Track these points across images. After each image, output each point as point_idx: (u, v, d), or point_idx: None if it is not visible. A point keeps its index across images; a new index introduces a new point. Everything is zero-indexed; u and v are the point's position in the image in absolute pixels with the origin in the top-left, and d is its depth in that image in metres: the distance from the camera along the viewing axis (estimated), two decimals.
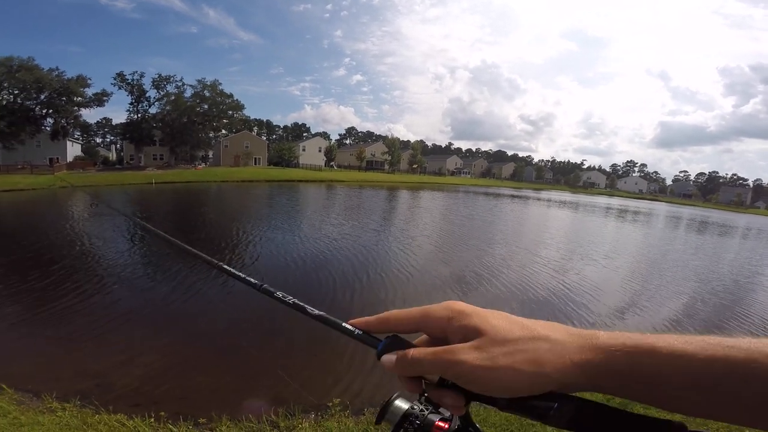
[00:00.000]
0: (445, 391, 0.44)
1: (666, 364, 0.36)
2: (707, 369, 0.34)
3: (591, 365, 0.39)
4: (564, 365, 0.40)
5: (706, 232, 28.10)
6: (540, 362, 0.41)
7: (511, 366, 0.41)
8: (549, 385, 0.40)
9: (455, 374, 0.42)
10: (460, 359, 0.42)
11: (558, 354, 0.41)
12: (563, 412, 0.40)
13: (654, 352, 0.37)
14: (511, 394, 0.41)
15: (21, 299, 6.99)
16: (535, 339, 0.42)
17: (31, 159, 45.30)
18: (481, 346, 0.42)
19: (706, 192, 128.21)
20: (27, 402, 3.93)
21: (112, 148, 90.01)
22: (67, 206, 21.87)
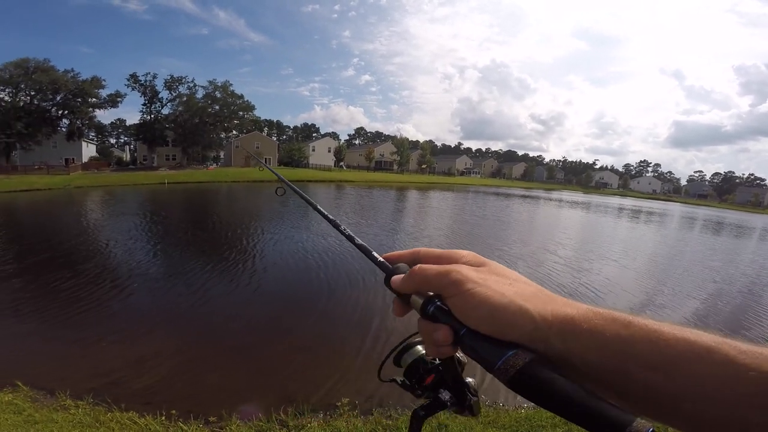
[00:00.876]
0: (435, 324, 0.45)
1: (639, 336, 0.36)
2: (675, 348, 0.34)
3: (568, 320, 0.39)
4: (545, 310, 0.41)
5: (721, 233, 27.54)
6: (525, 297, 0.42)
7: (500, 290, 0.42)
8: (524, 326, 0.40)
9: (450, 282, 0.44)
10: (459, 269, 0.45)
11: (543, 299, 0.43)
12: (510, 364, 0.38)
13: (629, 324, 0.37)
14: (489, 322, 0.41)
15: (36, 299, 7.12)
16: (527, 283, 0.46)
17: (48, 159, 46.21)
18: (481, 270, 0.46)
19: (721, 192, 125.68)
20: (41, 399, 4.00)
21: (126, 149, 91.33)
22: (83, 206, 22.24)
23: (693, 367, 0.33)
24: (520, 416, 3.85)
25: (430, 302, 0.46)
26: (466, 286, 0.43)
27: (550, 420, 3.72)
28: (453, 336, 0.43)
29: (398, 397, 4.33)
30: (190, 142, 57.43)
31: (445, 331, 0.44)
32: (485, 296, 0.42)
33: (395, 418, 3.88)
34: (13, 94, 44.10)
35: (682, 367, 0.33)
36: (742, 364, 0.32)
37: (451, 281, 0.45)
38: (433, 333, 0.45)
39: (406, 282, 0.49)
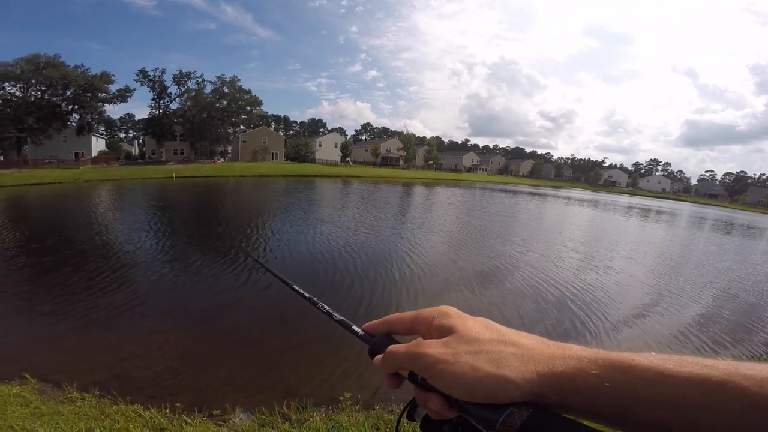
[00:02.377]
0: (427, 393, 0.45)
1: (641, 380, 0.34)
2: (683, 388, 0.33)
3: (559, 375, 0.38)
4: (528, 371, 0.39)
5: (732, 233, 27.18)
6: (502, 364, 0.40)
7: (472, 364, 0.40)
8: (511, 392, 0.39)
9: (421, 367, 0.44)
10: (426, 351, 0.44)
11: (524, 359, 0.40)
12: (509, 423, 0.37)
13: (630, 368, 0.36)
14: (470, 396, 0.40)
15: (47, 292, 7.22)
16: (503, 342, 0.43)
17: (58, 154, 46.72)
18: (449, 342, 0.44)
19: (733, 192, 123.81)
20: (48, 392, 4.06)
21: (135, 143, 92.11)
22: (93, 200, 22.49)
23: (705, 403, 0.32)
24: None
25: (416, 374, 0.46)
26: (436, 368, 0.42)
27: None
28: (446, 402, 0.43)
29: (400, 392, 4.32)
30: (198, 137, 57.77)
31: (437, 400, 0.43)
32: (456, 375, 0.41)
33: (397, 413, 3.88)
34: (24, 90, 44.62)
35: (693, 404, 0.32)
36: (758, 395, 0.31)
37: (421, 367, 0.44)
38: (427, 402, 0.45)
39: (384, 366, 0.50)
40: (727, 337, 6.97)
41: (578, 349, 0.40)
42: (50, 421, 3.35)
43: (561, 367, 0.38)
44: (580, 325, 6.87)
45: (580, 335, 6.47)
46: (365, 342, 0.55)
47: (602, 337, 6.56)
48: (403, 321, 0.52)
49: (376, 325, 0.55)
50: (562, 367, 0.38)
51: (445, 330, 0.46)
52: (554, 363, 0.39)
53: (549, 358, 0.39)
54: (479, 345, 0.42)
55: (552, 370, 0.38)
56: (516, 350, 0.41)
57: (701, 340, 6.81)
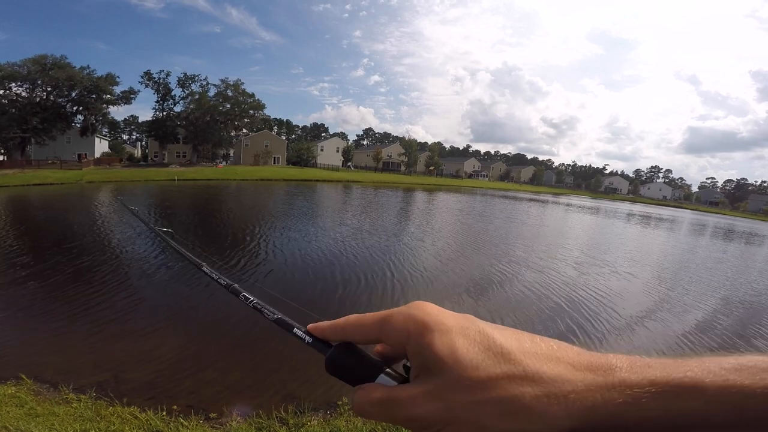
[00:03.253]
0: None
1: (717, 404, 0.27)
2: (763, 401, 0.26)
3: (604, 411, 0.28)
4: (558, 416, 0.29)
5: (733, 240, 27.09)
6: (521, 415, 0.29)
7: (479, 422, 0.30)
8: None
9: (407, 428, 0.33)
10: (409, 415, 0.33)
11: (550, 400, 0.29)
12: None
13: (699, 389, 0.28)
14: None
15: (44, 293, 7.21)
16: (518, 379, 0.30)
17: (61, 154, 46.99)
18: (439, 392, 0.32)
19: (733, 200, 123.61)
20: (44, 393, 4.04)
21: (138, 145, 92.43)
22: (94, 200, 22.54)
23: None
24: None
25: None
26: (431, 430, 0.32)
27: None
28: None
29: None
30: (200, 140, 57.92)
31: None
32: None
33: None
34: (30, 90, 44.85)
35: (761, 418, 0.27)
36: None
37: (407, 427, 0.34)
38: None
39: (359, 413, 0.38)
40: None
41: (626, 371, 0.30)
42: (45, 422, 3.33)
43: (602, 403, 0.29)
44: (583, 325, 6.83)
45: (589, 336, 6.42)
46: (318, 350, 0.43)
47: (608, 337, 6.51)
48: (365, 328, 0.39)
49: (325, 329, 0.43)
50: (603, 402, 0.29)
51: (429, 361, 0.33)
52: (592, 397, 0.29)
53: (584, 392, 0.29)
54: (483, 391, 0.30)
55: (590, 410, 0.29)
56: (537, 390, 0.30)
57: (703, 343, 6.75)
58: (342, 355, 0.40)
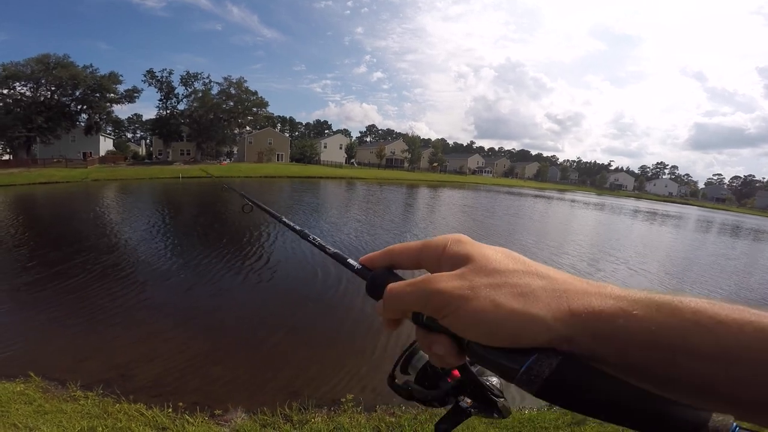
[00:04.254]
0: (433, 335, 0.38)
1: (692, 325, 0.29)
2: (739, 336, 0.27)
3: (596, 314, 0.31)
4: (560, 308, 0.32)
5: (745, 237, 26.89)
6: (530, 298, 0.33)
7: (494, 299, 0.34)
8: (538, 333, 0.32)
9: (432, 307, 0.37)
10: (437, 287, 0.36)
11: (555, 294, 0.34)
12: (535, 372, 0.31)
13: (678, 311, 0.29)
14: (490, 338, 0.34)
15: (52, 291, 7.29)
16: (530, 274, 0.36)
17: (66, 153, 47.30)
18: (465, 275, 0.36)
19: (740, 196, 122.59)
20: (52, 390, 4.09)
21: (142, 143, 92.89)
22: (101, 199, 22.68)
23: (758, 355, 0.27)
24: (524, 417, 3.82)
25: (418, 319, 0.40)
26: (450, 308, 0.35)
27: (554, 422, 3.69)
28: (455, 346, 0.37)
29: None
30: (204, 138, 58.08)
31: (444, 342, 0.38)
32: (475, 314, 0.34)
33: (398, 416, 3.89)
34: (34, 90, 45.13)
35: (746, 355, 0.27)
36: None
37: (432, 306, 0.37)
38: (432, 345, 0.39)
39: (386, 310, 0.41)
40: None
41: (615, 288, 0.33)
42: (53, 419, 3.38)
43: (598, 305, 0.32)
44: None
45: None
46: (361, 277, 0.47)
47: None
48: (408, 252, 0.44)
49: (375, 257, 0.47)
50: (599, 305, 0.32)
51: (460, 259, 0.39)
52: (590, 300, 0.32)
53: (584, 294, 0.33)
54: (501, 276, 0.36)
55: (588, 308, 0.32)
56: (545, 283, 0.35)
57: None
58: (382, 276, 0.44)
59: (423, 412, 3.91)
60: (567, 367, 0.31)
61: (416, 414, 3.87)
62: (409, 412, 3.96)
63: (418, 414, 3.86)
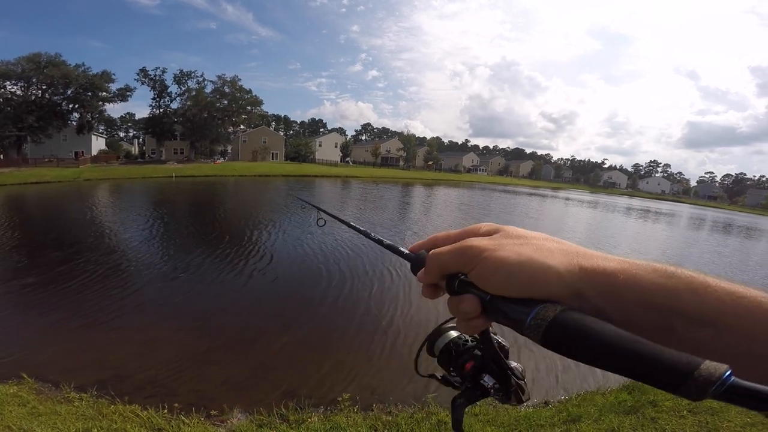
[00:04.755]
0: (462, 296, 0.44)
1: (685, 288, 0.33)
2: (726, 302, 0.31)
3: (601, 272, 0.37)
4: (572, 264, 0.38)
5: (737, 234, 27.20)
6: (546, 254, 0.40)
7: (517, 251, 0.40)
8: (552, 282, 0.38)
9: (466, 258, 0.43)
10: (471, 243, 0.43)
11: (568, 253, 0.40)
12: (541, 317, 0.35)
13: (672, 275, 0.34)
14: (508, 285, 0.39)
15: (44, 291, 7.21)
16: (548, 239, 0.43)
17: (58, 152, 46.74)
18: (494, 237, 0.45)
19: (732, 194, 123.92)
20: (46, 391, 4.06)
21: (135, 142, 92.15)
22: (92, 199, 22.47)
23: (744, 324, 0.30)
24: (519, 415, 3.84)
25: (454, 278, 0.45)
26: (481, 256, 0.42)
27: (549, 419, 3.71)
28: (480, 305, 0.42)
29: (398, 393, 4.35)
30: (198, 136, 57.67)
31: (470, 300, 0.42)
32: (500, 260, 0.40)
33: (395, 414, 3.90)
34: (25, 88, 44.55)
35: (733, 323, 0.30)
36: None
37: (466, 258, 0.43)
38: (459, 305, 0.44)
39: (428, 271, 0.48)
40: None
41: (620, 257, 0.39)
42: (47, 421, 3.35)
43: (603, 264, 0.37)
44: None
45: None
46: (408, 260, 0.54)
47: None
48: (449, 237, 0.51)
49: (422, 244, 0.55)
50: (604, 264, 0.37)
51: (491, 231, 0.47)
52: (597, 261, 0.38)
53: (592, 256, 0.39)
54: (524, 239, 0.43)
55: (595, 265, 0.37)
56: (560, 246, 0.42)
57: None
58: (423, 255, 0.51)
59: (419, 411, 3.92)
60: (568, 313, 0.34)
61: (413, 413, 3.89)
62: (405, 410, 3.97)
63: (415, 413, 3.88)
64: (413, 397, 4.25)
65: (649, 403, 3.86)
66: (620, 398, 4.12)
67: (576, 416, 3.70)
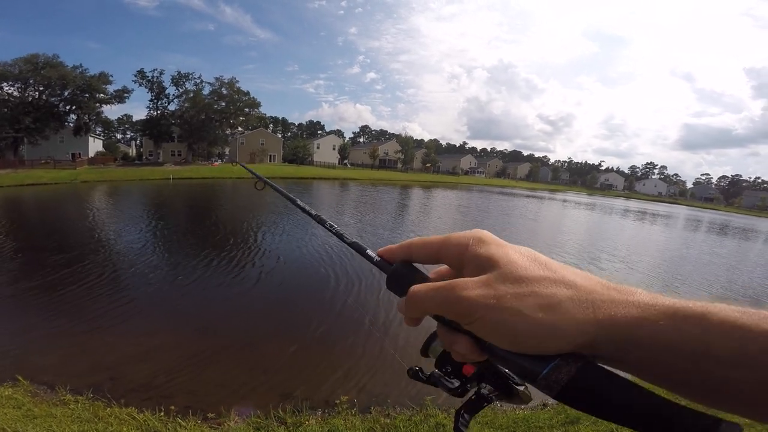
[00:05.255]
0: (455, 335, 0.39)
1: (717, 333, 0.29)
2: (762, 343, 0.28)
3: (620, 324, 0.32)
4: (586, 319, 0.33)
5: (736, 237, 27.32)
6: (556, 310, 0.34)
7: (520, 310, 0.34)
8: (561, 343, 0.33)
9: (456, 313, 0.37)
10: (462, 295, 0.36)
11: (581, 304, 0.34)
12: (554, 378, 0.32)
13: (704, 319, 0.30)
14: (515, 346, 0.34)
15: (39, 294, 7.17)
16: (557, 282, 0.36)
17: (54, 154, 46.53)
18: (490, 282, 0.36)
19: (728, 196, 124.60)
20: (41, 394, 4.03)
21: (132, 144, 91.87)
22: (89, 201, 22.39)
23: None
24: (518, 417, 3.84)
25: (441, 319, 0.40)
26: (475, 315, 0.36)
27: (548, 421, 3.71)
28: (477, 346, 0.38)
29: (396, 396, 4.34)
30: (195, 138, 57.57)
31: (466, 343, 0.38)
32: (500, 324, 0.34)
33: (393, 417, 3.88)
34: (22, 90, 44.41)
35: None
36: None
37: (456, 311, 0.37)
38: (453, 344, 0.39)
39: (409, 312, 0.41)
40: None
41: (642, 294, 0.33)
42: (43, 423, 3.32)
43: (623, 315, 0.32)
44: None
45: None
46: (381, 270, 0.46)
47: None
48: (428, 246, 0.43)
49: (394, 250, 0.46)
50: (624, 314, 0.32)
51: (483, 262, 0.38)
52: (615, 309, 0.33)
53: (609, 303, 0.33)
54: (527, 285, 0.35)
55: (613, 318, 0.32)
56: (571, 293, 0.35)
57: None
58: (402, 270, 0.44)
59: (417, 413, 3.91)
60: (585, 372, 0.31)
61: (411, 415, 3.87)
62: (403, 413, 3.96)
63: (413, 415, 3.86)
64: (411, 399, 4.24)
65: None
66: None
67: (574, 418, 3.70)
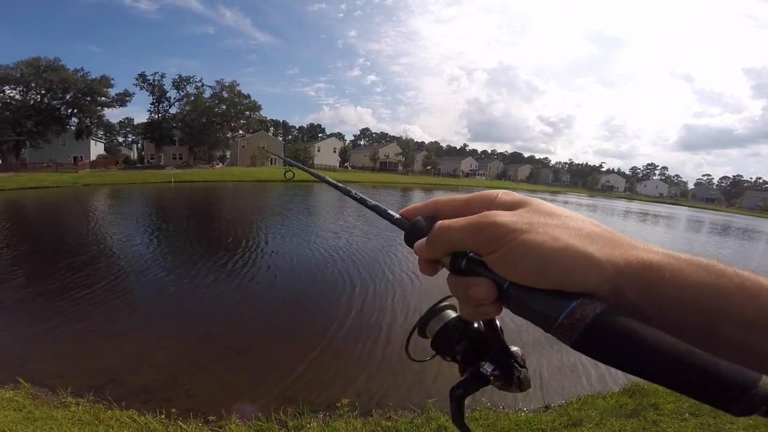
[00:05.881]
0: (472, 279, 0.36)
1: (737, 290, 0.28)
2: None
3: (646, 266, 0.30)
4: (615, 255, 0.31)
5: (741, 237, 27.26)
6: (586, 240, 0.32)
7: (553, 235, 0.33)
8: (589, 276, 0.31)
9: (486, 239, 0.34)
10: (494, 220, 0.35)
11: (610, 240, 0.33)
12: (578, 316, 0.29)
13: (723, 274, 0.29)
14: (537, 275, 0.32)
15: (40, 297, 7.18)
16: (584, 221, 0.35)
17: (56, 157, 46.74)
18: (522, 214, 0.35)
19: (729, 196, 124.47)
20: (42, 396, 4.02)
21: (134, 148, 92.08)
22: (91, 204, 22.43)
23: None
24: (520, 419, 3.81)
25: (461, 255, 0.37)
26: (506, 238, 0.33)
27: (550, 423, 3.69)
28: (496, 291, 0.35)
29: (398, 398, 4.32)
30: (197, 142, 57.76)
31: (485, 285, 0.35)
32: (531, 244, 0.32)
33: (395, 420, 3.86)
34: (24, 93, 44.64)
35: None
36: None
37: (486, 238, 0.34)
38: (470, 289, 0.36)
39: (430, 245, 0.39)
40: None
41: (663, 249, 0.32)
42: (44, 426, 3.32)
43: (648, 258, 0.31)
44: None
45: None
46: (401, 227, 0.46)
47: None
48: (453, 203, 0.43)
49: (417, 208, 0.45)
50: (649, 257, 0.31)
51: (514, 204, 0.38)
52: (641, 252, 0.31)
53: (633, 247, 0.32)
54: (559, 219, 0.35)
55: (639, 259, 0.31)
56: (601, 231, 0.34)
57: None
58: (422, 222, 0.43)
59: (419, 416, 3.89)
60: (613, 314, 0.29)
61: (412, 418, 3.85)
62: (405, 416, 3.94)
63: (414, 418, 3.84)
64: (413, 402, 4.22)
65: (651, 406, 3.84)
66: (621, 401, 4.09)
67: (577, 420, 3.68)
